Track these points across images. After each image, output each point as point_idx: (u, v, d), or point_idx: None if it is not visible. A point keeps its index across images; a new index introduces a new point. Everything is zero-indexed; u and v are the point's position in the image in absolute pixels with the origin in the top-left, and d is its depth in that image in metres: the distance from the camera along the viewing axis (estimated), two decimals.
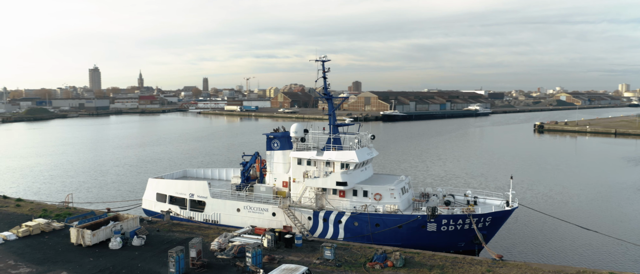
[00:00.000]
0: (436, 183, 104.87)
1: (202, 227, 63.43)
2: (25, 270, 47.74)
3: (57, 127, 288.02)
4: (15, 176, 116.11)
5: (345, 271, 47.07)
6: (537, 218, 73.28)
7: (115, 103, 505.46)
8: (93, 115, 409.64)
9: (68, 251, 53.57)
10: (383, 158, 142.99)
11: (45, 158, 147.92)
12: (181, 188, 69.44)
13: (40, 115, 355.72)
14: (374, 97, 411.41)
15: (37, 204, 75.82)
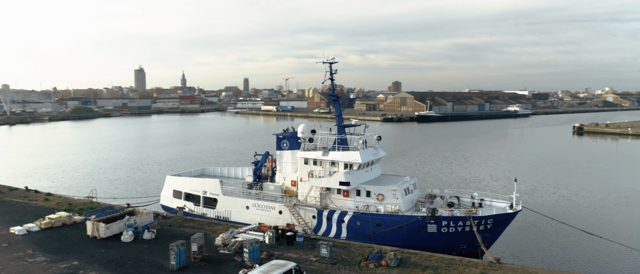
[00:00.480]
0: (453, 184, 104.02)
1: (213, 223, 65.77)
2: (41, 259, 51.15)
3: (99, 126, 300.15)
4: (51, 172, 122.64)
5: (339, 269, 48.10)
6: (544, 221, 72.13)
7: (157, 103, 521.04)
8: (135, 114, 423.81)
9: (83, 242, 56.86)
10: (406, 159, 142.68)
11: (81, 156, 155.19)
12: (195, 186, 72.12)
13: (85, 114, 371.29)
14: (410, 97, 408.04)
15: (64, 198, 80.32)
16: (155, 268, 48.73)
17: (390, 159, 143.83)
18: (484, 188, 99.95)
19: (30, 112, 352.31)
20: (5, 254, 52.35)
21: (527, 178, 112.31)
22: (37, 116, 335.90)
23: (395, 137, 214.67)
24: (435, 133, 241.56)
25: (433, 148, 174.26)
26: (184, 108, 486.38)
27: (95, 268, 48.49)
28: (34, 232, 60.70)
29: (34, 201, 77.71)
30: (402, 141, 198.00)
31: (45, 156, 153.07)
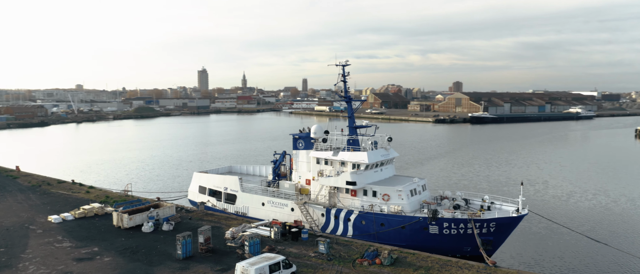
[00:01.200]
0: (480, 187, 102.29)
1: (230, 218, 69.20)
2: (67, 244, 56.34)
3: (157, 125, 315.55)
4: (99, 167, 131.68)
5: (334, 265, 49.79)
6: (555, 227, 70.24)
7: (215, 103, 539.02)
8: (194, 113, 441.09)
9: (108, 231, 61.81)
10: (443, 162, 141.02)
11: (130, 153, 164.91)
12: (218, 182, 75.95)
13: (147, 113, 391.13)
14: (465, 98, 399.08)
15: (103, 191, 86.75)
16: (164, 256, 52.48)
17: (427, 160, 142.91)
18: (510, 192, 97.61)
19: (97, 111, 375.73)
20: (38, 239, 58.04)
21: (559, 183, 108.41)
22: (102, 115, 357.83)
23: (442, 139, 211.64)
24: (486, 135, 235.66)
25: (477, 150, 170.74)
26: (240, 108, 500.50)
27: (111, 254, 52.94)
28: (68, 221, 66.49)
29: (76, 193, 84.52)
30: (447, 143, 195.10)
31: (99, 153, 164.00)
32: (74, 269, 48.62)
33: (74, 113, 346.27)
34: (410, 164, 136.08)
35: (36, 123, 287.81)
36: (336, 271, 48.20)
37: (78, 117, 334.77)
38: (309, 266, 49.44)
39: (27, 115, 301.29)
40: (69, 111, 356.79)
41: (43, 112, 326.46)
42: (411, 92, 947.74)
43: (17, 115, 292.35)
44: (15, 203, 76.45)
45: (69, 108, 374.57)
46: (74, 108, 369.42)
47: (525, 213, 56.73)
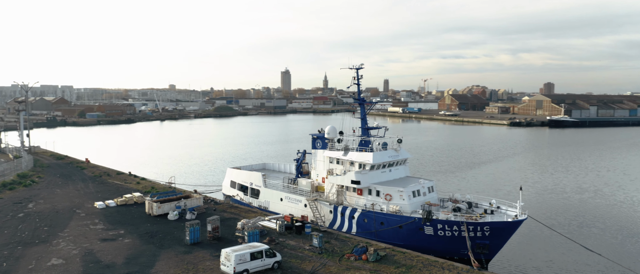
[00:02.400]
0: (504, 192, 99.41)
1: (251, 211, 74.28)
2: (100, 227, 64.12)
3: (233, 123, 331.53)
4: (159, 161, 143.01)
5: (322, 258, 52.92)
6: (555, 234, 67.91)
7: (292, 103, 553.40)
8: (271, 113, 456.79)
9: (139, 218, 69.11)
10: (492, 166, 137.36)
11: (190, 149, 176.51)
12: (246, 178, 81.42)
13: (226, 112, 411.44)
14: (546, 100, 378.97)
15: (151, 183, 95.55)
16: (176, 241, 58.37)
17: (475, 165, 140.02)
18: (541, 198, 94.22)
19: (180, 110, 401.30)
20: (78, 221, 66.48)
21: (605, 191, 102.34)
22: (185, 113, 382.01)
23: (506, 143, 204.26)
24: (558, 139, 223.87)
25: (536, 155, 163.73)
26: (316, 108, 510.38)
27: (132, 237, 59.79)
28: (110, 207, 74.88)
29: (128, 183, 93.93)
30: (509, 147, 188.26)
31: (166, 149, 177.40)
32: (96, 247, 55.78)
33: (159, 112, 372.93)
34: (455, 167, 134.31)
35: (123, 120, 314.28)
36: (321, 263, 51.31)
37: (162, 115, 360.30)
38: (298, 258, 52.96)
39: (116, 113, 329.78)
40: (155, 109, 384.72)
41: (131, 110, 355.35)
42: (496, 93, 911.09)
43: (107, 113, 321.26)
44: (74, 190, 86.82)
45: (156, 107, 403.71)
46: (158, 107, 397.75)
47: (523, 219, 56.17)
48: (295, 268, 50.06)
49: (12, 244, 56.13)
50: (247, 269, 47.31)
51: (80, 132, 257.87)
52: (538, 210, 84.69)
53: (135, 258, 52.34)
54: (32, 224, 64.56)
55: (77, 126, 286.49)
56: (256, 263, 48.08)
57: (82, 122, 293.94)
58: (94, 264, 50.27)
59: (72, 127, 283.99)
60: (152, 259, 52.21)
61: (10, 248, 55.04)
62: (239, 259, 46.94)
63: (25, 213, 69.93)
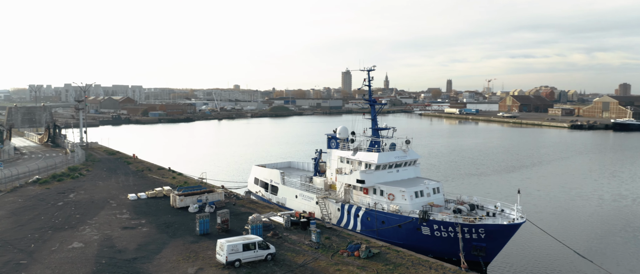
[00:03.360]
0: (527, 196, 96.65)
1: (267, 206, 77.78)
2: (125, 216, 69.89)
3: (286, 123, 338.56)
4: (203, 159, 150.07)
5: (317, 252, 55.35)
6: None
7: (348, 104, 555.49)
8: (326, 113, 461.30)
9: (163, 209, 74.43)
10: (531, 171, 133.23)
11: (237, 148, 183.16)
12: (267, 175, 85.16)
13: (281, 112, 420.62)
14: (613, 102, 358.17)
15: (185, 178, 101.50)
16: (188, 232, 62.75)
17: (514, 169, 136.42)
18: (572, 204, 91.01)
19: (238, 110, 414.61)
20: (108, 210, 72.72)
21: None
22: (242, 113, 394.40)
23: (560, 145, 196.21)
24: (621, 143, 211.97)
25: (588, 160, 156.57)
26: None
27: (150, 226, 64.92)
28: (141, 199, 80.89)
29: (165, 178, 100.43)
30: (562, 150, 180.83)
31: (213, 146, 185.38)
32: (116, 234, 61.22)
33: (217, 111, 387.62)
34: (491, 170, 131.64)
35: (182, 119, 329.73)
36: (313, 257, 53.79)
37: (220, 114, 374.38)
38: (294, 251, 55.69)
39: (176, 112, 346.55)
40: (214, 109, 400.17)
41: (192, 110, 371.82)
42: (566, 94, 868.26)
43: (168, 112, 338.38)
44: (114, 183, 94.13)
45: (215, 106, 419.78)
46: (217, 106, 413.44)
47: (520, 222, 55.80)
48: (288, 260, 52.79)
49: (44, 229, 62.72)
50: (239, 259, 50.58)
51: (140, 129, 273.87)
52: (557, 217, 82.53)
53: (146, 245, 57.12)
54: (67, 212, 71.40)
55: (139, 124, 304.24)
56: (249, 253, 51.24)
57: (145, 120, 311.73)
58: (108, 249, 55.46)
59: (135, 124, 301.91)
60: (160, 246, 56.77)
61: (42, 231, 61.59)
62: (231, 250, 50.31)
63: (64, 202, 77.22)
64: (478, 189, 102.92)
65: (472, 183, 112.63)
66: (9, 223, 64.81)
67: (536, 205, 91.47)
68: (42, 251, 54.13)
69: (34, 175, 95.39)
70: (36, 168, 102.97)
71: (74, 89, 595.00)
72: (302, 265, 51.44)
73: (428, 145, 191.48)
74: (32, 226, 63.60)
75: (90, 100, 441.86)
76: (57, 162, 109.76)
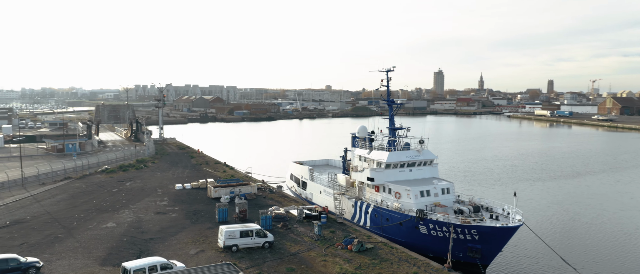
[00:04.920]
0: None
1: (294, 201, 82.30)
2: (164, 203, 77.95)
3: (365, 123, 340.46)
4: (264, 155, 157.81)
5: (316, 244, 58.86)
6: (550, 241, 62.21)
7: (434, 105, 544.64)
8: (409, 114, 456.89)
9: (199, 199, 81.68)
10: (590, 178, 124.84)
11: (297, 146, 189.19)
12: (299, 171, 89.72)
13: (362, 112, 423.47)
14: None
15: (234, 172, 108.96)
16: (210, 219, 68.99)
17: (580, 176, 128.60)
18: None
19: (321, 109, 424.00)
20: (151, 198, 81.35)
21: None
22: (323, 113, 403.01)
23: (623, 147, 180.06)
24: None
25: None
26: (458, 110, 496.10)
27: (180, 213, 72.13)
28: (185, 189, 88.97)
29: (217, 171, 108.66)
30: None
31: (276, 143, 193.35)
32: (147, 218, 69.05)
33: (299, 111, 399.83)
34: (547, 175, 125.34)
35: (264, 118, 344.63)
36: (307, 248, 57.42)
37: (302, 113, 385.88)
38: (293, 241, 59.67)
39: (260, 111, 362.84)
40: (296, 108, 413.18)
41: (275, 109, 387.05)
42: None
43: (252, 111, 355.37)
44: (170, 174, 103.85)
45: (299, 106, 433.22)
46: (299, 106, 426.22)
47: (515, 226, 55.07)
48: (284, 249, 56.86)
49: (91, 210, 72.25)
50: (236, 244, 55.53)
51: (223, 127, 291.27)
52: (582, 226, 78.33)
53: (167, 228, 64.09)
54: (117, 197, 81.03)
55: (224, 122, 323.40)
56: (246, 240, 55.99)
57: (230, 119, 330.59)
58: (134, 229, 63.09)
59: (221, 123, 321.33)
60: (179, 230, 63.42)
61: (88, 212, 71.07)
62: (229, 235, 55.39)
63: (119, 189, 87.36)
64: (516, 194, 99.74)
65: (517, 188, 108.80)
66: (65, 204, 75.34)
67: (582, 213, 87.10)
68: (80, 229, 62.94)
69: (104, 165, 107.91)
70: (106, 159, 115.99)
71: (174, 89, 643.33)
72: (294, 254, 55.26)
73: (496, 148, 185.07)
74: (82, 208, 73.47)
75: (184, 99, 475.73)
76: (127, 154, 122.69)
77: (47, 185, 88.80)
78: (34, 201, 76.83)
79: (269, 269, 50.44)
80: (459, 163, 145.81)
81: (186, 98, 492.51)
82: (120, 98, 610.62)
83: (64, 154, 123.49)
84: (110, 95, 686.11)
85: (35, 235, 59.50)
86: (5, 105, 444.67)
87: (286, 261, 53.05)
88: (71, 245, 56.29)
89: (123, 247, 56.03)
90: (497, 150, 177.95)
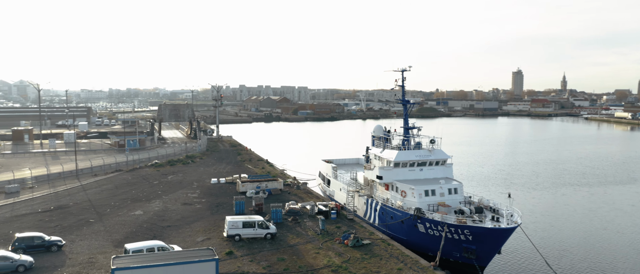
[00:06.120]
0: None
1: (315, 197, 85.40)
2: (194, 195, 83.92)
3: (429, 124, 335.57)
4: (309, 153, 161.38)
5: (316, 237, 61.73)
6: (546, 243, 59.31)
7: (507, 106, 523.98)
8: (479, 115, 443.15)
9: (228, 192, 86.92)
10: None
11: (344, 145, 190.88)
12: (325, 169, 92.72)
13: (428, 113, 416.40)
14: None
15: (272, 169, 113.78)
16: (228, 211, 73.74)
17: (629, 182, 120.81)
18: None
19: (386, 110, 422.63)
20: (185, 190, 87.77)
21: None
22: (388, 113, 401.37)
23: None
24: None
25: None
26: (532, 112, 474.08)
27: (205, 204, 77.63)
28: (220, 183, 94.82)
29: (256, 167, 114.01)
30: None
31: (328, 143, 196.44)
32: (173, 207, 75.10)
33: (363, 111, 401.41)
34: (596, 180, 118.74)
35: (327, 118, 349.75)
36: (306, 241, 60.41)
37: (365, 114, 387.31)
38: (296, 234, 62.85)
39: (324, 111, 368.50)
40: (361, 109, 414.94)
41: (340, 109, 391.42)
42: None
43: (315, 111, 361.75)
44: (213, 169, 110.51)
45: (364, 106, 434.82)
46: (363, 106, 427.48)
47: (509, 227, 54.59)
48: (284, 241, 60.19)
49: (127, 199, 79.59)
50: (239, 234, 59.59)
51: (285, 126, 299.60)
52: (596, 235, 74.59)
53: (187, 218, 69.60)
54: (155, 189, 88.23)
55: (288, 121, 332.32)
56: (248, 230, 59.91)
57: (293, 118, 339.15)
58: (157, 218, 69.16)
59: (284, 122, 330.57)
60: (197, 219, 68.67)
61: (124, 201, 78.43)
62: (232, 226, 59.60)
63: (159, 181, 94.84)
64: (553, 201, 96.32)
65: (562, 193, 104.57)
66: (107, 194, 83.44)
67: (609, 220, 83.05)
68: (110, 215, 69.98)
69: (154, 160, 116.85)
70: (157, 154, 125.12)
71: (247, 89, 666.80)
72: (291, 246, 58.47)
73: (554, 151, 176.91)
74: (120, 197, 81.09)
75: (253, 99, 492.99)
76: (178, 151, 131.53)
77: (98, 176, 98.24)
78: (82, 190, 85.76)
79: (261, 258, 54.02)
80: (505, 166, 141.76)
81: (255, 98, 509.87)
82: (197, 98, 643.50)
83: (124, 149, 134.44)
84: (189, 95, 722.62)
85: (70, 219, 67.13)
86: (93, 103, 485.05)
87: (281, 251, 56.31)
88: (97, 229, 63.09)
89: (140, 232, 61.94)
90: (553, 154, 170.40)
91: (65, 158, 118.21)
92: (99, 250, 54.86)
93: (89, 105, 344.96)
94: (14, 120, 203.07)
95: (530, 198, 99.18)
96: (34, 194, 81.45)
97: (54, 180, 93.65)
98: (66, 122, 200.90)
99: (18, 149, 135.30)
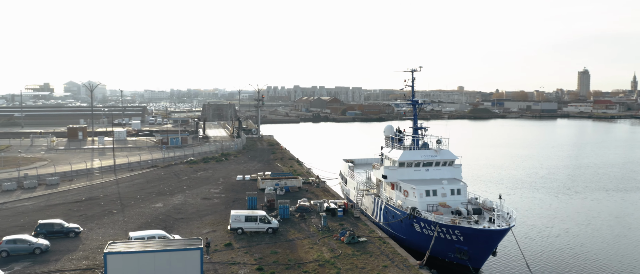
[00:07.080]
0: None
1: (330, 195, 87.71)
2: (216, 191, 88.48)
3: (478, 125, 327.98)
4: (341, 152, 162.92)
5: (315, 233, 64.13)
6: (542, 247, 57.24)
7: (567, 107, 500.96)
8: (536, 117, 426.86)
9: (249, 188, 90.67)
10: None
11: None
12: (344, 169, 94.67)
13: (481, 114, 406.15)
14: None
15: (300, 167, 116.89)
16: (242, 206, 77.51)
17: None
18: None
19: (437, 111, 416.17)
20: (210, 185, 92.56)
21: None
22: (439, 114, 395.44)
23: None
24: None
25: None
26: (593, 113, 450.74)
27: (223, 199, 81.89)
28: (244, 181, 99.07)
29: (285, 166, 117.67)
30: None
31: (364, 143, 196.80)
32: (193, 201, 79.81)
33: None
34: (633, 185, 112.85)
35: (375, 118, 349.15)
36: (305, 236, 62.95)
37: None
38: (298, 229, 65.52)
39: (372, 112, 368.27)
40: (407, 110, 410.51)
41: (389, 110, 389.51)
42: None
43: (364, 111, 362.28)
44: (243, 167, 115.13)
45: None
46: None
47: (502, 229, 54.49)
48: (284, 235, 63.01)
49: (154, 193, 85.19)
50: (241, 227, 63.00)
51: (332, 126, 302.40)
52: None
53: (201, 211, 73.96)
54: (182, 184, 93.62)
55: (336, 122, 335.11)
56: (250, 224, 63.17)
57: (341, 119, 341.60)
58: (174, 210, 73.94)
59: (332, 122, 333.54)
60: (209, 213, 72.86)
61: (149, 194, 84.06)
62: (234, 219, 63.10)
63: (188, 177, 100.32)
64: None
65: (585, 198, 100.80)
66: (137, 187, 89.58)
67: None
68: (133, 207, 75.52)
69: (190, 157, 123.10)
70: (192, 152, 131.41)
71: (301, 90, 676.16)
72: (289, 240, 61.21)
73: (600, 155, 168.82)
74: (148, 191, 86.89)
75: (304, 100, 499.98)
76: (213, 149, 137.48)
77: (134, 171, 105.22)
78: (115, 183, 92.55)
79: (256, 250, 57.09)
80: (539, 169, 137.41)
81: (306, 98, 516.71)
82: (253, 98, 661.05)
83: (167, 147, 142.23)
84: (246, 95, 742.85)
85: (96, 209, 73.20)
86: (155, 103, 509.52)
87: (277, 245, 59.14)
88: (116, 219, 68.55)
89: (153, 223, 66.76)
90: (597, 157, 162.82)
91: (110, 155, 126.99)
92: (112, 238, 59.76)
93: (145, 104, 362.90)
94: (74, 119, 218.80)
95: (549, 202, 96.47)
96: (71, 186, 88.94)
97: (92, 174, 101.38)
98: (122, 121, 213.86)
99: (71, 145, 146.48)
